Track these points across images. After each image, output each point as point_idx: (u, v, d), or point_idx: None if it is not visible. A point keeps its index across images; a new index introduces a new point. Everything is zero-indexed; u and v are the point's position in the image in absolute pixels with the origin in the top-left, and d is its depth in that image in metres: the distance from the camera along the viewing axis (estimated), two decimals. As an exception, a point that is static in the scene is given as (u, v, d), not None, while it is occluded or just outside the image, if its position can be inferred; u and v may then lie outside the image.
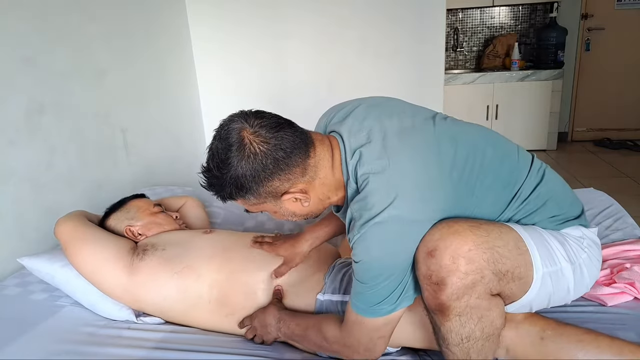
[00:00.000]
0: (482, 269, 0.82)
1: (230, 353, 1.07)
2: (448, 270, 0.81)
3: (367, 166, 0.87)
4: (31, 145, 1.57)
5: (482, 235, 0.83)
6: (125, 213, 1.34)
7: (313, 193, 0.92)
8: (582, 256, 0.95)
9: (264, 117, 0.87)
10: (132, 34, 2.17)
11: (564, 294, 0.95)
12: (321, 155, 0.91)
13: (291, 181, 0.88)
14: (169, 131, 2.52)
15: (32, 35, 1.59)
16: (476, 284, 0.82)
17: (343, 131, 0.94)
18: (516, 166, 0.95)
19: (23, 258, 1.32)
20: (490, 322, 0.86)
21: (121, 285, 1.18)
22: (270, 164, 0.84)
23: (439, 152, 0.89)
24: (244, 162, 0.84)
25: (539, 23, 4.44)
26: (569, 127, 4.60)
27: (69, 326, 1.18)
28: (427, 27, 2.60)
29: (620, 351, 0.96)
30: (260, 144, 0.84)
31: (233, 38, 2.73)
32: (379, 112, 0.96)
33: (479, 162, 0.90)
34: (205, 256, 1.20)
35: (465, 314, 0.84)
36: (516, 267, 0.86)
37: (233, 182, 0.86)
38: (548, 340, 0.99)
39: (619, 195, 1.83)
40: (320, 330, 1.00)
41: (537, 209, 0.94)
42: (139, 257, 1.20)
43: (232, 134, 0.85)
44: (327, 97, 2.71)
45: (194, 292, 1.16)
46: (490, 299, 0.86)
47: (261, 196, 0.89)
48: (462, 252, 0.81)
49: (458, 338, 0.86)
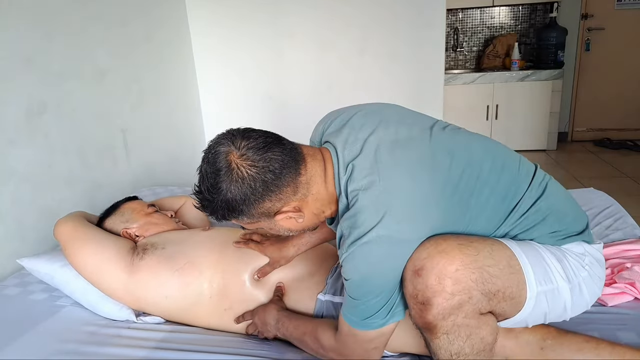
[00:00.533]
0: (469, 289, 0.80)
1: (231, 353, 1.07)
2: (434, 291, 0.80)
3: (357, 183, 0.86)
4: (31, 145, 1.57)
5: (470, 255, 0.82)
6: (120, 216, 1.34)
7: (307, 209, 0.91)
8: (582, 274, 0.92)
9: (250, 138, 0.86)
10: (132, 34, 2.17)
11: (561, 312, 0.93)
12: (313, 172, 0.90)
13: (283, 201, 0.87)
14: (169, 131, 2.52)
15: (32, 36, 1.59)
16: (463, 305, 0.81)
17: (338, 143, 0.93)
18: (515, 179, 0.92)
19: (23, 259, 1.31)
20: (480, 339, 0.85)
21: (122, 285, 1.18)
22: (260, 187, 0.84)
23: (433, 166, 0.87)
24: (233, 186, 0.83)
25: (539, 23, 4.44)
26: (569, 127, 4.60)
27: (69, 326, 1.18)
28: (427, 27, 2.60)
29: (622, 357, 0.95)
30: (248, 168, 0.83)
31: (233, 37, 2.73)
32: (376, 121, 0.95)
33: (475, 175, 0.88)
34: (205, 251, 1.21)
35: (453, 332, 0.83)
36: (507, 286, 0.84)
37: (224, 205, 0.86)
38: (548, 349, 0.98)
39: (619, 195, 1.83)
40: (317, 337, 1.00)
41: (536, 224, 0.92)
42: (139, 257, 1.20)
43: (220, 158, 0.84)
44: (327, 96, 2.75)
45: (196, 288, 1.17)
46: (479, 318, 0.84)
47: (254, 217, 0.89)
48: (449, 273, 0.79)
49: (447, 354, 0.85)
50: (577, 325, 1.05)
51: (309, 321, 1.07)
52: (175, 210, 1.54)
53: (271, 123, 2.73)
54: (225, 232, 1.30)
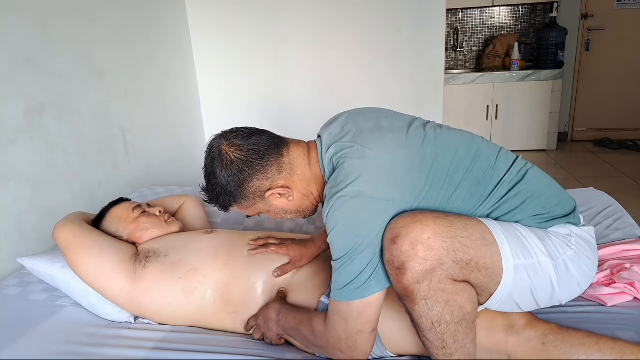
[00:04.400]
0: (441, 256, 0.85)
1: (231, 353, 1.07)
2: (407, 256, 0.85)
3: (340, 152, 0.96)
4: (31, 145, 1.57)
5: (443, 225, 0.87)
6: (109, 226, 1.31)
7: (295, 189, 1.02)
8: (567, 253, 0.95)
9: (238, 131, 1.02)
10: (132, 33, 2.17)
11: (549, 290, 0.94)
12: (295, 154, 1.02)
13: (270, 179, 1.00)
14: (169, 131, 2.52)
15: (32, 36, 1.59)
16: (435, 269, 0.85)
17: (324, 132, 1.05)
18: (492, 166, 0.98)
19: (23, 258, 1.31)
20: (458, 307, 0.88)
21: (124, 294, 1.17)
22: (246, 167, 0.98)
23: (408, 146, 0.96)
24: (225, 170, 0.98)
25: (539, 23, 4.44)
26: (569, 127, 4.60)
27: (69, 326, 1.18)
28: (427, 27, 2.60)
29: (622, 353, 0.96)
30: (235, 152, 0.98)
31: (233, 37, 2.73)
32: (360, 117, 1.06)
33: (449, 158, 0.95)
34: (208, 257, 1.20)
35: (431, 297, 0.87)
36: (480, 257, 0.88)
37: (222, 190, 1.00)
38: (550, 345, 0.99)
39: (619, 195, 1.83)
40: (311, 324, 1.01)
41: (517, 207, 0.96)
42: (142, 265, 1.19)
43: (214, 150, 1.00)
44: (327, 96, 2.76)
45: (199, 295, 1.16)
46: (455, 284, 0.88)
47: (249, 198, 1.02)
48: (422, 240, 0.85)
49: (429, 323, 0.88)
50: (576, 325, 1.05)
51: (307, 312, 1.08)
52: (175, 209, 1.54)
53: (271, 122, 2.73)
54: (229, 235, 1.29)
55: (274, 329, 1.10)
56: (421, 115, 1.14)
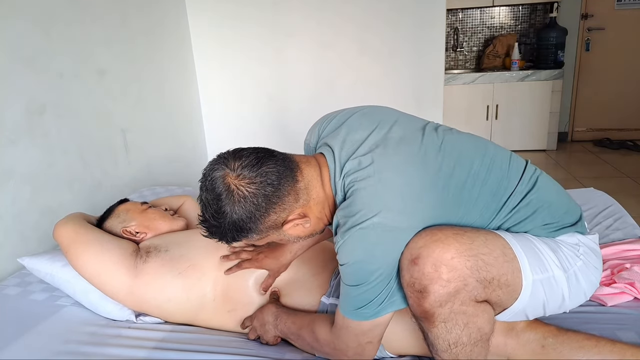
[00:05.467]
0: (465, 276, 0.82)
1: (231, 353, 1.07)
2: (430, 278, 0.81)
3: (353, 175, 0.88)
4: (31, 145, 1.57)
5: (465, 243, 0.83)
6: (116, 218, 1.34)
7: (311, 214, 0.93)
8: (577, 264, 0.93)
9: (242, 157, 0.87)
10: (132, 33, 2.17)
11: (559, 302, 0.94)
12: (309, 177, 0.92)
13: (287, 210, 0.89)
14: (169, 131, 2.52)
15: (32, 36, 1.59)
16: (459, 292, 0.82)
17: (335, 144, 0.95)
18: (505, 175, 0.94)
19: (24, 258, 1.31)
20: (477, 329, 0.86)
21: (125, 288, 1.17)
22: (262, 202, 0.85)
23: (425, 162, 0.90)
24: (237, 207, 0.85)
25: (539, 23, 4.44)
26: (569, 127, 4.60)
27: (69, 326, 1.18)
28: (427, 27, 2.60)
29: (622, 355, 0.96)
30: (247, 186, 0.85)
31: (233, 37, 2.73)
32: (374, 122, 0.97)
33: (465, 171, 0.91)
34: (209, 253, 1.20)
35: (451, 320, 0.84)
36: (502, 274, 0.85)
37: (232, 227, 0.87)
38: (549, 348, 0.98)
39: (619, 195, 1.84)
40: (313, 330, 1.00)
41: (528, 217, 0.94)
42: (143, 260, 1.19)
43: (217, 183, 0.86)
44: (327, 96, 2.75)
45: (199, 291, 1.17)
46: (476, 306, 0.85)
47: (262, 232, 0.90)
48: (445, 260, 0.81)
49: (445, 344, 0.86)
50: (576, 325, 1.05)
51: (307, 315, 1.07)
52: (175, 209, 1.54)
53: (271, 122, 2.73)
54: None
55: (271, 332, 1.10)
56: (421, 115, 1.13)
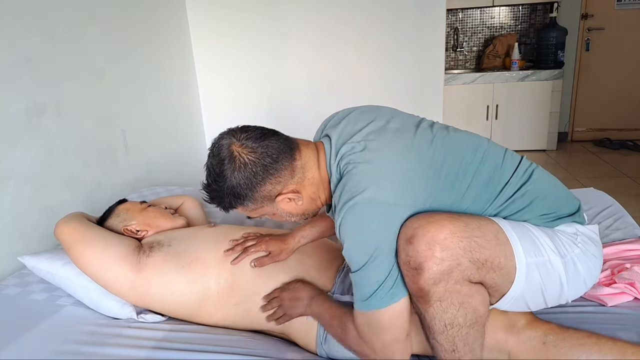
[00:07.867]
0: (458, 256, 0.85)
1: (231, 352, 1.07)
2: (424, 256, 0.84)
3: (348, 158, 0.94)
4: (31, 145, 1.57)
5: (459, 225, 0.87)
6: (116, 217, 1.34)
7: (304, 192, 1.00)
8: (574, 251, 0.96)
9: (249, 130, 0.97)
10: (132, 33, 2.17)
11: (558, 288, 0.95)
12: (307, 157, 0.99)
13: (282, 183, 0.96)
14: (169, 131, 2.52)
15: (32, 36, 1.59)
16: (453, 270, 0.85)
17: (334, 133, 1.02)
18: (499, 167, 0.98)
19: (24, 257, 1.32)
20: (472, 309, 0.88)
21: (128, 283, 1.17)
22: (260, 171, 0.93)
23: (417, 153, 0.94)
24: (237, 172, 0.93)
25: (539, 23, 4.44)
26: (569, 127, 4.60)
27: (69, 326, 1.18)
28: (427, 27, 2.60)
29: (623, 353, 0.96)
30: (248, 154, 0.93)
31: (233, 38, 2.73)
32: (371, 116, 1.03)
33: (457, 162, 0.95)
34: (212, 247, 1.21)
35: (446, 299, 0.86)
36: (495, 256, 0.88)
37: (230, 192, 0.95)
38: (550, 345, 0.99)
39: (619, 195, 1.83)
40: (344, 323, 1.01)
41: (524, 207, 0.97)
42: (146, 254, 1.20)
43: (223, 150, 0.94)
44: (327, 96, 2.76)
45: (202, 284, 1.17)
46: (471, 286, 0.88)
47: (257, 201, 0.97)
48: (439, 240, 0.84)
49: (442, 325, 0.88)
50: (577, 325, 1.05)
51: (341, 307, 1.07)
52: (174, 208, 1.54)
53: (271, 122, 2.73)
54: (231, 228, 1.32)
55: (300, 309, 1.11)
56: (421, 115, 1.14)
